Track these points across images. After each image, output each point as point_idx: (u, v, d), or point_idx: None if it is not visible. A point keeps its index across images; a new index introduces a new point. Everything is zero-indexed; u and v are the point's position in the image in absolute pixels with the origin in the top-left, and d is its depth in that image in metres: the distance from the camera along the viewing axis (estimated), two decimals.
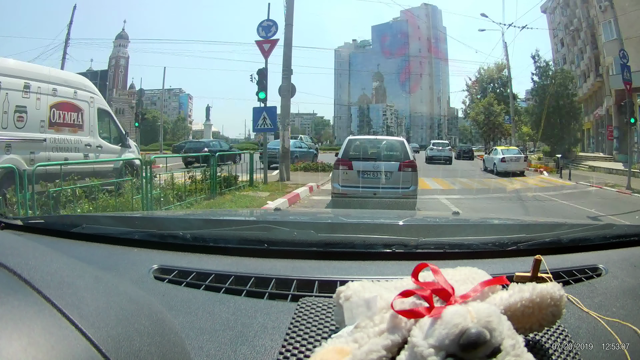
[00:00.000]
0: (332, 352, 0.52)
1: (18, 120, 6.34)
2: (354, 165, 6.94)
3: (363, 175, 6.89)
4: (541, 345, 0.62)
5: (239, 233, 1.12)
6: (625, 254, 1.01)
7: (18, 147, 6.26)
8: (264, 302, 0.75)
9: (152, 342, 0.51)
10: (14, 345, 0.40)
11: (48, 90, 6.92)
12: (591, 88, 30.34)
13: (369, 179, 6.86)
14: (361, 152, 7.33)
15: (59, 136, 7.07)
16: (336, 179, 7.10)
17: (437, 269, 0.62)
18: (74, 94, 7.44)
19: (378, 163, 7.00)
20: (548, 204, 9.34)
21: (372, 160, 7.11)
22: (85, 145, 7.59)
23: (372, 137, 8.80)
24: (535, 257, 0.71)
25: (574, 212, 8.28)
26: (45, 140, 6.77)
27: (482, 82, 40.59)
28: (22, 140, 6.40)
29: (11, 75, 6.34)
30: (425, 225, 1.48)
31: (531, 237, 1.05)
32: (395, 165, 6.93)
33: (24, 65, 6.94)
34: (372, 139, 8.27)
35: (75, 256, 0.75)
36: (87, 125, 7.66)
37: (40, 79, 6.83)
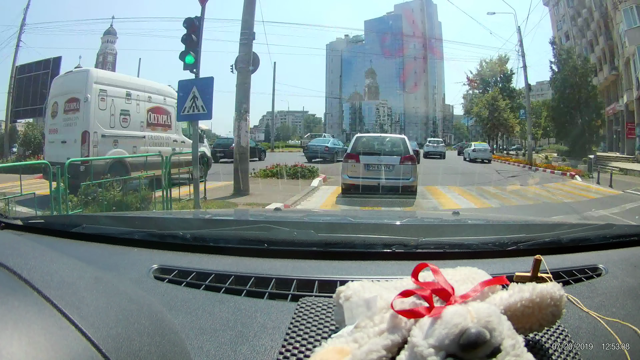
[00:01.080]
0: (332, 352, 0.52)
1: (123, 121, 8.44)
2: (361, 159, 8.00)
3: (369, 168, 7.96)
4: (541, 345, 0.62)
5: (239, 233, 1.12)
6: (625, 254, 1.01)
7: (123, 142, 8.36)
8: (264, 302, 0.75)
9: (152, 342, 0.51)
10: (14, 345, 0.40)
11: (145, 98, 9.09)
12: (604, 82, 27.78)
13: (374, 171, 7.90)
14: (367, 148, 8.36)
15: (154, 134, 9.23)
16: (345, 171, 8.14)
17: (437, 269, 0.62)
18: (163, 101, 9.63)
19: (382, 157, 8.06)
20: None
21: (377, 154, 8.13)
22: (173, 141, 9.75)
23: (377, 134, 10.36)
24: (535, 257, 0.71)
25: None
26: (145, 137, 8.93)
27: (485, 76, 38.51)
28: (126, 137, 8.46)
29: (115, 85, 8.43)
30: (425, 225, 1.48)
31: (531, 237, 1.04)
32: (397, 159, 8.00)
33: (125, 77, 9.23)
34: (377, 136, 9.56)
35: (75, 256, 0.75)
36: (173, 125, 9.83)
37: (138, 89, 8.99)
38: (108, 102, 8.14)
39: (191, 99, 6.37)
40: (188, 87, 6.43)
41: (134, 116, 8.74)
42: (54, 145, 8.11)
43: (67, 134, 7.96)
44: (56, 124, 8.20)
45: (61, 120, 8.09)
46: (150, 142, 9.02)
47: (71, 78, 8.28)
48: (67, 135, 7.97)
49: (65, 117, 8.05)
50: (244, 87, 8.49)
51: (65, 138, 7.97)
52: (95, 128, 7.92)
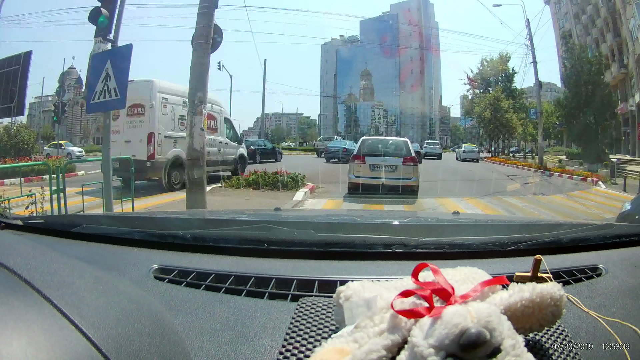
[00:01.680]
0: (332, 352, 0.52)
1: (180, 125, 9.58)
2: (367, 160, 8.59)
3: (373, 168, 8.51)
4: (541, 345, 0.62)
5: (239, 233, 1.12)
6: (626, 254, 1.01)
7: (181, 142, 9.24)
8: (264, 302, 0.75)
9: (152, 342, 0.51)
10: (14, 345, 0.40)
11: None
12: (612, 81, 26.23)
13: (379, 171, 8.45)
14: (372, 150, 8.93)
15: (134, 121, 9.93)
16: (352, 171, 8.71)
17: (437, 269, 0.62)
18: (211, 107, 10.54)
19: (386, 158, 8.64)
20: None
21: (381, 156, 8.69)
22: (219, 142, 11.16)
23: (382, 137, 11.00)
24: (535, 257, 0.71)
25: None
26: None
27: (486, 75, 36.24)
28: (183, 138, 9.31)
29: (174, 94, 9.79)
30: (425, 225, 1.48)
31: (531, 237, 1.04)
32: (400, 160, 8.58)
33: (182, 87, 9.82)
34: (382, 139, 10.23)
35: (75, 256, 0.75)
36: (219, 129, 11.29)
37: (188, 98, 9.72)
38: (169, 108, 9.64)
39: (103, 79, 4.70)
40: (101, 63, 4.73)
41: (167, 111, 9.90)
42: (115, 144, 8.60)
43: (132, 135, 9.21)
44: (117, 125, 9.16)
45: (124, 123, 9.28)
46: None
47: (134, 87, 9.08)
48: (131, 136, 9.21)
49: (128, 120, 9.28)
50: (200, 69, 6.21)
51: (130, 138, 9.19)
52: (159, 130, 9.32)
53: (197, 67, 6.27)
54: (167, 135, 9.58)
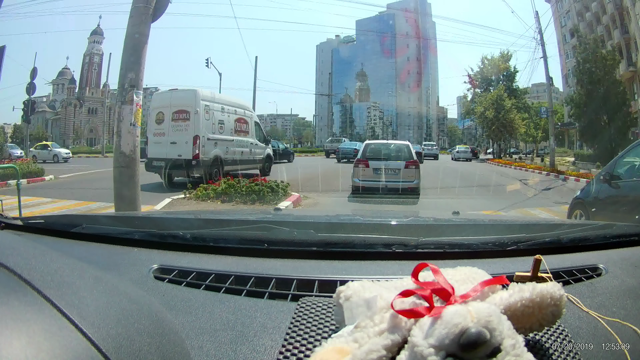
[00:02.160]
0: (332, 352, 0.52)
1: (220, 128, 11.23)
2: (370, 164, 8.82)
3: (377, 172, 8.72)
4: (541, 345, 0.62)
5: (239, 233, 1.12)
6: (626, 254, 1.01)
7: (220, 144, 11.10)
8: (264, 301, 0.75)
9: (152, 341, 0.51)
10: (14, 345, 0.40)
11: (232, 111, 12.02)
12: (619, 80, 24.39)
13: (381, 175, 8.66)
14: (375, 153, 9.19)
15: (239, 138, 12.14)
16: (356, 175, 8.90)
17: (437, 269, 0.62)
18: (244, 113, 12.61)
19: (389, 162, 8.89)
20: None
21: (384, 160, 8.96)
22: (250, 144, 12.72)
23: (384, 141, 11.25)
24: (535, 256, 0.71)
25: None
26: (233, 140, 11.79)
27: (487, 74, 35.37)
28: (222, 140, 11.23)
29: (214, 102, 11.24)
30: (425, 225, 1.48)
31: (531, 236, 1.04)
32: (402, 163, 8.82)
33: (220, 95, 12.27)
34: (384, 143, 10.50)
35: (75, 256, 0.75)
36: (250, 132, 12.79)
37: (229, 104, 11.90)
38: (210, 114, 10.89)
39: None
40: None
41: (227, 125, 11.62)
42: (160, 145, 10.45)
43: (177, 137, 10.30)
44: (162, 128, 10.51)
45: (169, 126, 10.44)
46: (237, 144, 11.98)
47: (180, 95, 10.77)
48: (177, 138, 10.31)
49: (174, 124, 10.41)
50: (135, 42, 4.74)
51: (175, 140, 10.31)
52: (203, 133, 10.41)
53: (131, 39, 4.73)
54: (209, 138, 10.73)
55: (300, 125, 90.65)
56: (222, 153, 11.05)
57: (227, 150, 11.35)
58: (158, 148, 10.47)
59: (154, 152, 10.59)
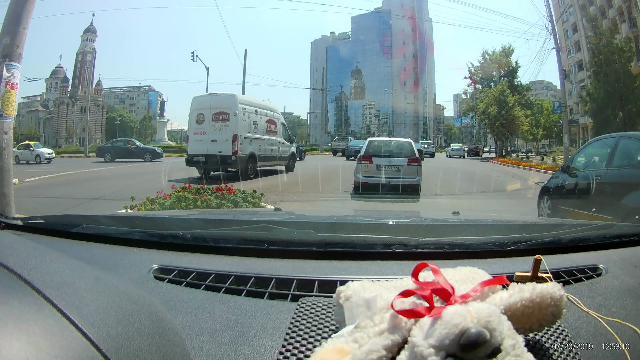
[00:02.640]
0: (332, 352, 0.52)
1: (254, 128, 12.59)
2: (374, 160, 9.01)
3: (380, 168, 8.92)
4: (541, 345, 0.62)
5: (239, 233, 1.12)
6: (626, 254, 1.01)
7: (254, 142, 12.42)
8: (264, 302, 0.75)
9: (152, 342, 0.51)
10: (14, 345, 0.40)
11: (264, 113, 13.41)
12: None
13: (385, 171, 8.87)
14: (378, 150, 9.33)
15: (269, 137, 13.42)
16: (359, 171, 9.12)
17: (437, 269, 0.62)
18: (273, 115, 14.09)
19: (391, 159, 9.07)
20: None
21: (387, 156, 9.13)
22: (278, 142, 14.05)
23: (387, 138, 11.42)
24: (535, 256, 0.71)
25: None
26: (265, 139, 13.12)
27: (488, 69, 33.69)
28: (256, 139, 12.55)
29: (249, 105, 12.67)
30: (425, 225, 1.48)
31: (531, 236, 1.04)
32: (404, 160, 9.01)
33: (254, 99, 13.64)
34: (387, 140, 10.57)
35: (75, 256, 0.75)
36: (278, 132, 14.14)
37: (261, 107, 13.37)
38: (246, 115, 12.22)
39: None
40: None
41: (259, 125, 13.00)
42: (201, 142, 11.65)
43: (218, 136, 11.52)
44: (203, 128, 11.80)
45: (210, 126, 11.72)
46: (267, 142, 13.32)
47: (219, 98, 12.13)
48: (217, 137, 11.52)
49: (214, 124, 11.70)
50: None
51: (216, 138, 11.51)
52: (240, 132, 11.66)
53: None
54: (246, 136, 12.00)
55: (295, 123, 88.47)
56: (256, 150, 12.44)
57: (260, 148, 12.73)
58: (198, 145, 11.72)
59: (194, 148, 11.82)
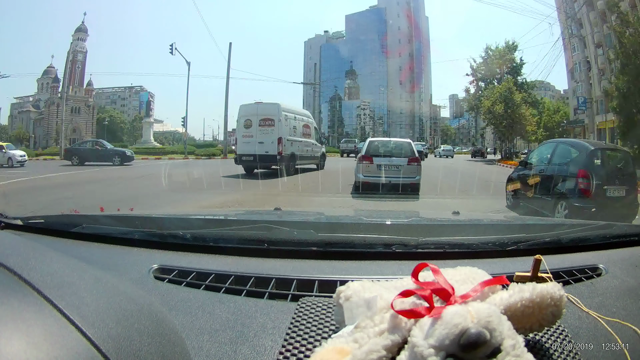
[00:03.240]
0: (332, 352, 0.52)
1: (293, 132, 14.41)
2: (374, 160, 9.15)
3: (380, 168, 9.06)
4: (541, 345, 0.62)
5: (239, 233, 1.12)
6: (625, 254, 1.01)
7: (294, 144, 14.23)
8: (264, 302, 0.75)
9: (152, 342, 0.51)
10: (14, 345, 0.40)
11: (300, 119, 15.36)
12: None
13: (385, 171, 9.01)
14: (379, 150, 9.50)
15: (305, 139, 15.31)
16: (360, 171, 9.21)
17: (437, 269, 0.62)
18: (307, 120, 16.22)
19: (392, 159, 9.21)
20: None
21: (387, 156, 9.28)
22: (312, 144, 16.02)
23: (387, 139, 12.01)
24: (535, 257, 0.71)
25: None
26: (302, 141, 14.93)
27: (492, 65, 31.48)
28: (295, 141, 14.35)
29: (290, 112, 14.57)
30: (425, 225, 1.48)
31: (531, 236, 1.04)
32: (404, 160, 9.14)
33: (293, 107, 15.95)
34: (387, 140, 10.94)
35: (75, 256, 0.75)
36: (312, 135, 16.15)
37: (298, 113, 15.55)
38: (287, 121, 14.03)
39: None
40: None
41: (298, 129, 14.85)
42: (249, 144, 13.49)
43: (264, 138, 13.34)
44: (250, 132, 13.66)
45: (257, 130, 13.56)
46: (304, 144, 15.20)
47: (265, 106, 13.95)
48: (264, 139, 13.33)
49: (261, 129, 13.52)
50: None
51: (263, 140, 13.33)
52: (284, 135, 13.43)
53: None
54: (288, 139, 13.76)
55: None
56: (296, 150, 14.30)
57: (299, 149, 14.61)
58: (246, 147, 13.59)
59: (242, 149, 13.71)
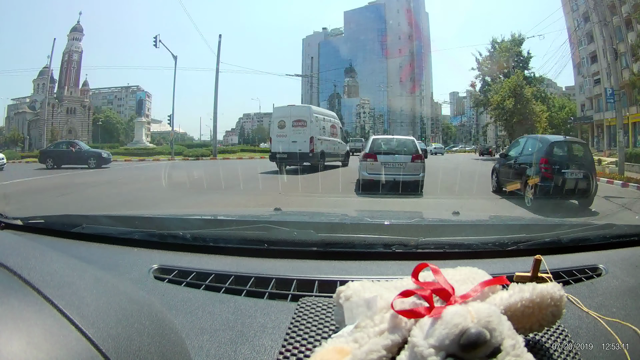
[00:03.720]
0: (332, 352, 0.52)
1: (323, 131, 15.94)
2: (379, 158, 9.22)
3: (384, 165, 9.09)
4: (541, 345, 0.62)
5: (239, 233, 1.12)
6: (625, 254, 1.01)
7: (324, 142, 15.73)
8: (264, 302, 0.75)
9: (152, 341, 0.51)
10: (14, 345, 0.40)
11: (329, 120, 17.15)
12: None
13: (389, 168, 9.08)
14: (383, 148, 9.62)
15: (332, 138, 16.85)
16: (364, 169, 9.27)
17: (437, 269, 0.62)
18: (334, 121, 17.86)
19: (396, 156, 9.26)
20: None
21: (391, 154, 9.34)
22: (338, 142, 17.53)
23: (391, 136, 11.86)
24: (535, 257, 0.71)
25: None
26: (330, 140, 16.44)
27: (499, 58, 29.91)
28: (324, 140, 15.85)
29: (320, 114, 16.41)
30: (425, 225, 1.48)
31: (531, 237, 1.04)
32: (408, 157, 9.20)
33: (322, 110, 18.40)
34: (391, 138, 10.94)
35: (75, 256, 0.75)
36: (338, 134, 17.72)
37: (326, 115, 17.37)
38: (318, 122, 15.64)
39: None
40: None
41: (326, 129, 16.42)
42: (282, 143, 14.90)
43: (297, 138, 14.86)
44: (284, 132, 15.26)
45: (290, 130, 15.15)
46: (332, 143, 16.72)
47: (298, 109, 16.18)
48: (297, 138, 14.87)
49: (294, 129, 15.11)
50: None
51: (296, 139, 14.85)
52: (315, 135, 14.94)
53: None
54: (318, 138, 15.23)
55: None
56: (325, 149, 15.82)
57: (327, 147, 16.10)
58: (280, 145, 14.97)
59: (276, 147, 15.11)
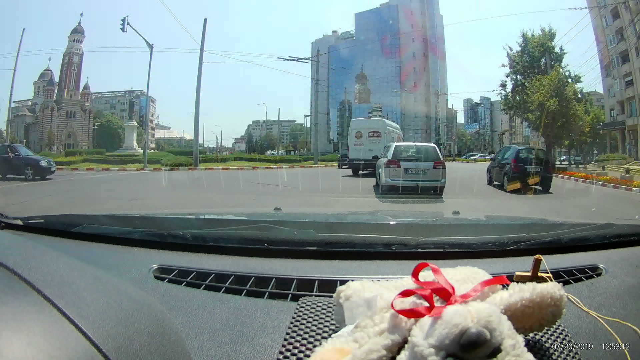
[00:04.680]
0: (332, 352, 0.52)
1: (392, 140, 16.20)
2: (402, 164, 9.50)
3: (407, 172, 9.40)
4: (541, 345, 0.62)
5: (239, 232, 1.12)
6: (625, 254, 1.01)
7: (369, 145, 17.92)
8: (264, 301, 0.75)
9: (152, 341, 0.51)
10: (14, 345, 0.40)
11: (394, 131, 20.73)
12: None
13: (412, 175, 9.35)
14: (405, 155, 9.96)
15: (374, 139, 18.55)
16: (388, 175, 9.53)
17: (437, 269, 0.62)
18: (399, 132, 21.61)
19: (418, 162, 9.53)
20: None
21: (414, 160, 9.64)
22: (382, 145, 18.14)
23: (412, 143, 12.58)
24: (535, 256, 0.71)
25: None
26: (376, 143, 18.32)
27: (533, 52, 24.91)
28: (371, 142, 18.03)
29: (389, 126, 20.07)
30: (425, 225, 1.48)
31: (531, 236, 1.05)
32: (430, 164, 9.41)
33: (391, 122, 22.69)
34: (413, 145, 11.42)
35: (75, 256, 0.75)
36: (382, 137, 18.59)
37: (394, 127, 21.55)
38: (388, 133, 18.26)
39: None
40: None
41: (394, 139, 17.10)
42: (359, 151, 17.51)
43: (373, 147, 17.13)
44: (361, 142, 17.95)
45: (366, 140, 17.88)
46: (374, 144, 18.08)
47: (373, 122, 19.44)
48: (372, 147, 17.12)
49: (370, 139, 17.82)
50: None
51: (372, 148, 17.13)
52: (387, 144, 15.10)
53: None
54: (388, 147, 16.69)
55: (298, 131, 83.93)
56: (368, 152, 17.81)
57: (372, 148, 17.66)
58: (357, 153, 17.46)
59: (354, 155, 17.57)
